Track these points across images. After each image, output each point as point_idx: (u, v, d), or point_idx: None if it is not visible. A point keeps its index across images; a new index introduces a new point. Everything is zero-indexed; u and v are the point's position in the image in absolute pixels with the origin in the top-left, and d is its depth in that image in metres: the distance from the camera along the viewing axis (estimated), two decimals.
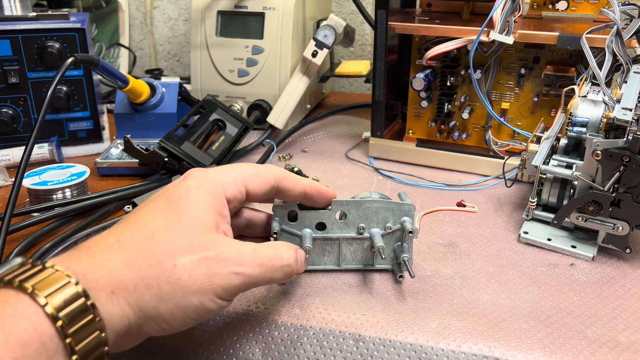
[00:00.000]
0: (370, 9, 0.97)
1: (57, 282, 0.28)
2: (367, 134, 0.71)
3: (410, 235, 0.42)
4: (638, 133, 0.41)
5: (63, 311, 0.27)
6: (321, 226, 0.43)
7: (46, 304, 0.27)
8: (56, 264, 0.29)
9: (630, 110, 0.44)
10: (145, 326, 0.31)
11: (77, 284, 0.28)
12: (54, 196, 0.55)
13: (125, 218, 0.34)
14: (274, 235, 0.41)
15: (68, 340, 0.27)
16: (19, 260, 0.29)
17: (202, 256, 0.32)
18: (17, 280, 0.27)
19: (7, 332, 0.25)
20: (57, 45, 0.66)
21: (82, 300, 0.28)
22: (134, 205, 0.51)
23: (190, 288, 0.31)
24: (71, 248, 0.33)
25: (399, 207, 0.42)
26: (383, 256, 0.41)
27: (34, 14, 0.68)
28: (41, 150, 0.66)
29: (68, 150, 0.71)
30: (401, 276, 0.43)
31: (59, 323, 0.27)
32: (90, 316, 0.28)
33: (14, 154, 0.66)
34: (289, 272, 0.36)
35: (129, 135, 0.61)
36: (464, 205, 0.46)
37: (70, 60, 0.54)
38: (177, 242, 0.32)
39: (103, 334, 0.28)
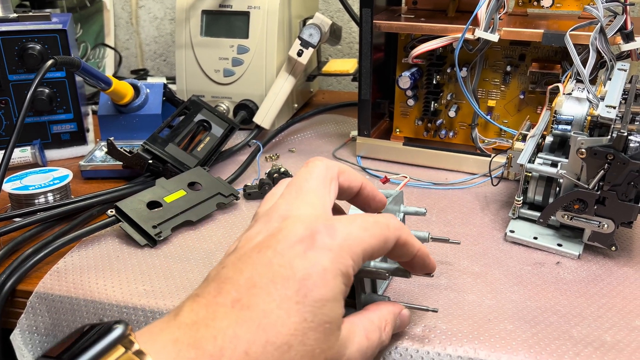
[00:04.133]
0: (356, 7, 0.96)
1: None
2: (355, 133, 0.70)
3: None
4: (622, 131, 0.41)
5: None
6: None
7: None
8: None
9: (614, 108, 0.44)
10: None
11: None
12: (36, 201, 0.54)
13: (253, 284, 0.28)
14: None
15: None
16: (119, 331, 0.25)
17: None
18: None
19: None
20: (38, 47, 0.65)
21: None
22: (117, 209, 0.50)
23: None
24: (184, 323, 0.27)
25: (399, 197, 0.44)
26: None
27: (15, 15, 0.67)
28: (23, 153, 0.65)
29: (52, 153, 0.70)
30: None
31: None
32: None
33: None
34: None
35: (112, 138, 0.60)
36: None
37: (49, 62, 0.53)
38: (313, 358, 0.28)
39: None
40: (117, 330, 0.25)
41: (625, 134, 0.41)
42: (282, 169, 0.62)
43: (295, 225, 0.30)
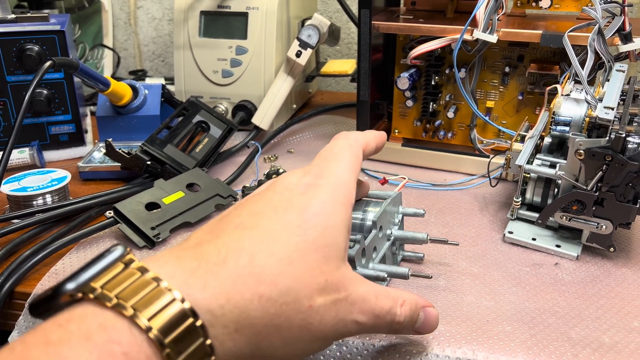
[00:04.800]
0: (354, 7, 0.96)
1: (172, 319, 0.24)
2: None
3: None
4: (620, 132, 0.41)
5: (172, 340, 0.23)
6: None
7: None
8: (172, 281, 0.25)
9: (612, 109, 0.44)
10: (253, 359, 0.28)
11: (202, 327, 0.25)
12: (34, 202, 0.54)
13: (255, 212, 0.30)
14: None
15: None
16: (119, 251, 0.25)
17: (334, 298, 0.29)
18: (116, 299, 0.23)
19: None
20: (36, 48, 0.65)
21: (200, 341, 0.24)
22: (116, 210, 0.50)
23: (318, 334, 0.29)
24: (187, 246, 0.28)
25: (398, 198, 0.44)
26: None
27: (13, 16, 0.67)
28: (22, 155, 0.65)
29: (50, 155, 0.70)
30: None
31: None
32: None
33: None
34: (395, 330, 0.33)
35: (110, 139, 0.60)
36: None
37: (48, 63, 0.53)
38: (313, 277, 0.28)
39: None
40: (117, 252, 0.26)
41: (624, 135, 0.41)
42: (281, 170, 0.62)
43: (288, 176, 0.33)
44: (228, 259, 0.27)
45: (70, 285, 0.24)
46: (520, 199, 0.50)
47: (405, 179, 0.52)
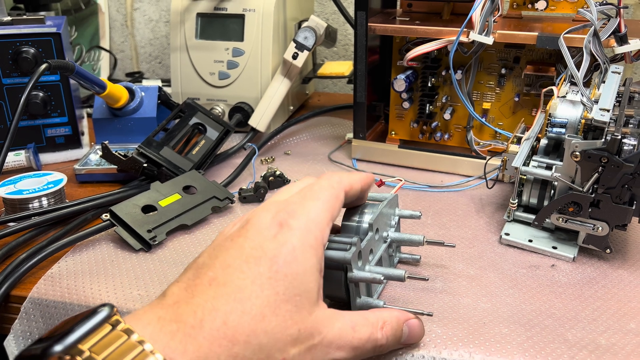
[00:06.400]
0: (351, 9, 0.96)
1: None
2: (350, 135, 0.70)
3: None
4: (616, 134, 0.41)
5: None
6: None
7: None
8: (155, 344, 0.26)
9: (608, 111, 0.44)
10: None
11: None
12: (30, 205, 0.54)
13: (228, 265, 0.30)
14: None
15: None
16: (105, 312, 0.26)
17: (309, 345, 0.30)
18: None
19: None
20: (32, 50, 0.65)
21: None
22: (112, 213, 0.50)
23: None
24: (166, 304, 0.29)
25: (394, 200, 0.44)
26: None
27: (9, 18, 0.67)
28: (18, 157, 0.65)
29: (46, 157, 0.70)
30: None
31: None
32: None
33: None
34: (381, 351, 0.34)
35: (106, 142, 0.60)
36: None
37: (43, 66, 0.53)
38: (285, 329, 0.29)
39: None
40: (103, 312, 0.27)
41: (619, 137, 0.41)
42: (278, 172, 0.62)
43: (262, 214, 0.33)
44: (204, 321, 0.28)
45: (58, 348, 0.25)
46: (516, 200, 0.50)
47: (401, 180, 0.52)
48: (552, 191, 0.48)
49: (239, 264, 0.30)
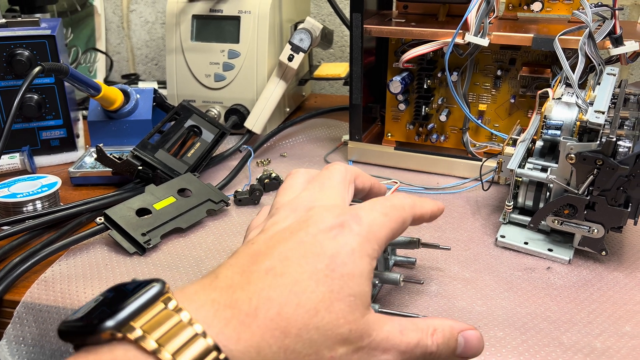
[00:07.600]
0: (347, 10, 0.96)
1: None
2: (346, 137, 0.70)
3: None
4: (611, 136, 0.41)
5: None
6: None
7: None
8: (209, 329, 0.26)
9: (603, 113, 0.44)
10: None
11: None
12: (24, 209, 0.54)
13: (286, 257, 0.30)
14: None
15: None
16: (158, 287, 0.26)
17: (357, 346, 0.30)
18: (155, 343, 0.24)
19: None
20: (26, 53, 0.64)
21: None
22: (106, 216, 0.50)
23: None
24: (220, 286, 0.29)
25: None
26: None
27: (4, 20, 0.66)
28: (12, 160, 0.65)
29: (41, 160, 0.69)
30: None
31: None
32: None
33: None
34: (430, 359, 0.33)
35: (101, 144, 0.60)
36: None
37: (37, 69, 0.53)
38: (337, 327, 0.29)
39: None
40: (155, 287, 0.26)
41: (614, 139, 0.41)
42: (274, 174, 0.61)
43: (324, 213, 0.33)
44: (259, 309, 0.28)
45: (110, 323, 0.24)
46: (512, 202, 0.50)
47: (397, 182, 0.52)
48: (548, 193, 0.48)
49: (297, 258, 0.30)
